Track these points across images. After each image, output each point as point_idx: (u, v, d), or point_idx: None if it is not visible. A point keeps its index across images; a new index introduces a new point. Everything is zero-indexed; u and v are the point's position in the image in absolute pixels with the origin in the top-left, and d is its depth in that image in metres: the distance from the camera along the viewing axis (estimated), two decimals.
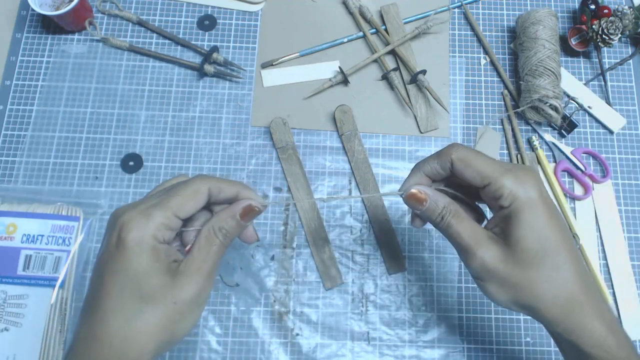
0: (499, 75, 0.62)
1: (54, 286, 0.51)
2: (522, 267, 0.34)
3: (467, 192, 0.39)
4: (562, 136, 0.60)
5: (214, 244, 0.36)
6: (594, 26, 0.60)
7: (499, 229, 0.36)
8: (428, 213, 0.38)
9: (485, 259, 0.35)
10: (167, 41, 0.63)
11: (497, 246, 0.35)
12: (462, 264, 0.55)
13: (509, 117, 0.60)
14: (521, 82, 0.59)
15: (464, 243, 0.36)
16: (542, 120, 0.59)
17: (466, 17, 0.65)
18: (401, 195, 0.39)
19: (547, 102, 0.57)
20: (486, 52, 0.63)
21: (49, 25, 0.63)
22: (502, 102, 0.61)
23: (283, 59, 0.62)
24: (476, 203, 0.40)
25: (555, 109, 0.57)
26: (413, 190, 0.38)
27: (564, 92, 0.61)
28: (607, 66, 0.62)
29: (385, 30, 0.63)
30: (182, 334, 0.35)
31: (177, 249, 0.37)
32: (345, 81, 0.61)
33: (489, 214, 0.39)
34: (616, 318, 0.37)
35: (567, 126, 0.59)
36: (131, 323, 0.32)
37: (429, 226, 0.56)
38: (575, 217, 0.57)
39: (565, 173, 0.59)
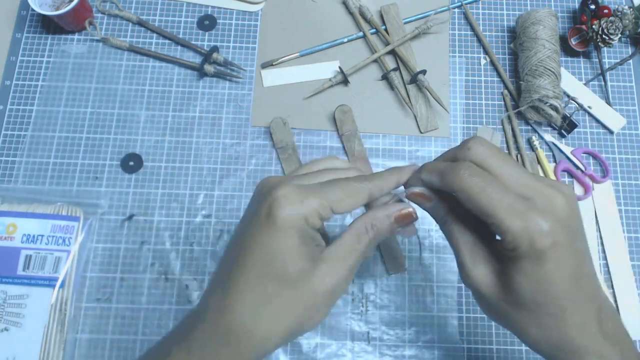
0: (499, 75, 0.62)
1: (54, 286, 0.51)
2: (514, 305, 0.32)
3: None
4: (562, 136, 0.60)
5: (363, 241, 0.34)
6: (594, 26, 0.60)
7: (503, 259, 0.33)
8: (431, 213, 0.36)
9: (478, 283, 0.33)
10: (167, 41, 0.63)
11: (493, 275, 0.33)
12: None
13: (509, 117, 0.60)
14: (521, 82, 0.59)
15: (461, 258, 0.34)
16: (542, 120, 0.59)
17: (466, 17, 0.65)
18: (406, 193, 0.36)
19: (547, 102, 0.57)
20: (486, 52, 0.63)
21: (49, 25, 0.63)
22: (502, 102, 0.61)
23: (283, 59, 0.62)
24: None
25: (556, 109, 0.57)
26: (417, 190, 0.35)
27: (564, 92, 0.61)
28: (607, 66, 0.62)
29: (385, 30, 0.63)
30: (310, 327, 0.33)
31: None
32: (345, 81, 0.61)
33: None
34: (625, 353, 0.33)
35: (567, 126, 0.59)
36: (264, 305, 0.31)
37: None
38: None
39: (565, 173, 0.59)
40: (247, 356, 0.31)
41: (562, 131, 0.60)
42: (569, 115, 0.59)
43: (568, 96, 0.61)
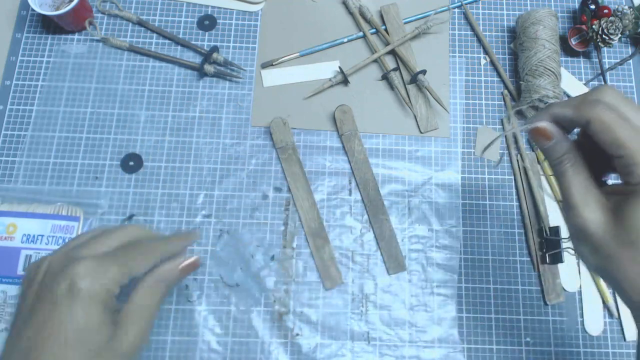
0: (499, 75, 0.62)
1: None
2: (621, 242, 0.32)
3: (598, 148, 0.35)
4: None
5: (156, 294, 0.36)
6: (594, 26, 0.60)
7: (615, 199, 0.34)
8: (549, 152, 0.36)
9: (588, 222, 0.33)
10: (167, 41, 0.63)
11: (604, 213, 0.33)
12: (462, 260, 0.55)
13: (508, 117, 0.60)
14: (521, 82, 0.59)
15: (572, 198, 0.34)
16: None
17: (466, 17, 0.65)
18: (526, 130, 0.36)
19: (547, 102, 0.57)
20: (486, 52, 0.63)
21: (49, 25, 0.63)
22: (502, 102, 0.61)
23: (283, 59, 0.62)
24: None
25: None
26: (542, 125, 0.35)
27: (564, 92, 0.61)
28: (607, 66, 0.62)
29: (385, 30, 0.63)
30: None
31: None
32: (345, 81, 0.61)
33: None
34: None
35: None
36: None
37: (429, 227, 0.57)
38: None
39: None
40: None
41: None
42: None
43: (569, 96, 0.61)
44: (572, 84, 0.62)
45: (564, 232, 0.56)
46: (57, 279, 0.31)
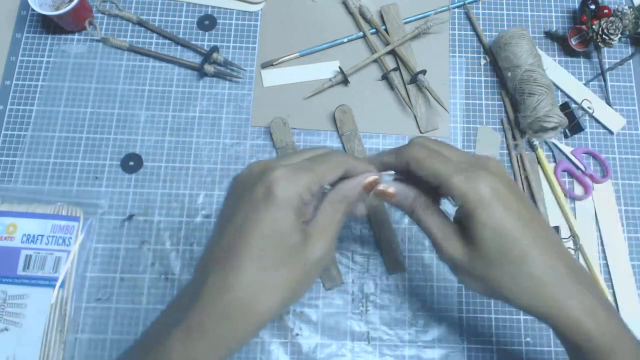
0: (499, 75, 0.62)
1: (54, 286, 0.51)
2: (486, 264, 0.35)
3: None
4: (565, 136, 0.60)
5: (339, 212, 0.37)
6: (594, 26, 0.60)
7: (463, 226, 0.37)
8: (399, 205, 0.40)
9: (452, 254, 0.37)
10: (167, 41, 0.63)
11: (462, 242, 0.36)
12: None
13: (508, 118, 0.60)
14: (516, 97, 0.59)
15: (432, 237, 0.38)
16: (547, 138, 0.58)
17: (467, 17, 0.65)
18: (371, 194, 0.39)
19: (548, 127, 0.56)
20: (486, 52, 0.63)
21: (49, 25, 0.63)
22: (502, 102, 0.61)
23: (283, 59, 0.62)
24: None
25: (557, 127, 0.56)
26: (381, 189, 0.39)
27: (563, 92, 0.61)
28: (607, 66, 0.62)
29: (385, 30, 0.63)
30: (301, 295, 0.36)
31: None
32: (345, 81, 0.61)
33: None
34: (603, 303, 0.36)
35: (572, 128, 0.59)
36: (266, 277, 0.33)
37: None
38: (575, 217, 0.57)
39: (565, 173, 0.59)
40: (248, 330, 0.33)
41: (567, 131, 0.60)
42: (577, 118, 0.59)
43: (575, 102, 0.61)
44: (572, 84, 0.62)
45: (564, 232, 0.56)
46: (256, 184, 0.34)
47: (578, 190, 0.59)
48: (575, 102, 0.61)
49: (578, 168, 0.59)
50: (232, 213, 0.35)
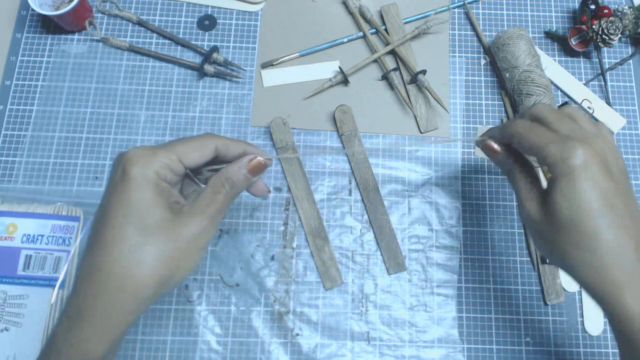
0: (499, 75, 0.62)
1: (54, 286, 0.51)
2: (556, 229, 0.37)
3: None
4: None
5: (220, 193, 0.37)
6: (594, 26, 0.60)
7: (548, 192, 0.38)
8: (501, 165, 0.44)
9: (530, 213, 0.39)
10: (167, 41, 0.63)
11: (541, 205, 0.39)
12: (462, 260, 0.55)
13: (508, 118, 0.60)
14: (515, 97, 0.59)
15: (519, 196, 0.41)
16: None
17: (467, 17, 0.65)
18: (477, 144, 0.45)
19: None
20: (486, 52, 0.63)
21: (49, 25, 0.63)
22: (502, 102, 0.61)
23: (283, 59, 0.62)
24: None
25: None
26: (489, 142, 0.43)
27: (561, 90, 0.61)
28: (607, 66, 0.62)
29: (385, 30, 0.63)
30: (181, 275, 0.35)
31: (179, 198, 0.38)
32: (345, 81, 0.61)
33: None
34: None
35: None
36: (132, 253, 0.33)
37: (429, 226, 0.57)
38: None
39: None
40: (127, 308, 0.33)
41: None
42: None
43: (575, 101, 0.61)
44: (572, 84, 0.62)
45: None
46: (115, 168, 0.35)
47: None
48: (575, 102, 0.61)
49: None
50: (102, 197, 0.36)
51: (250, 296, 0.54)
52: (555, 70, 0.62)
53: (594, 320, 0.54)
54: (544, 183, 0.41)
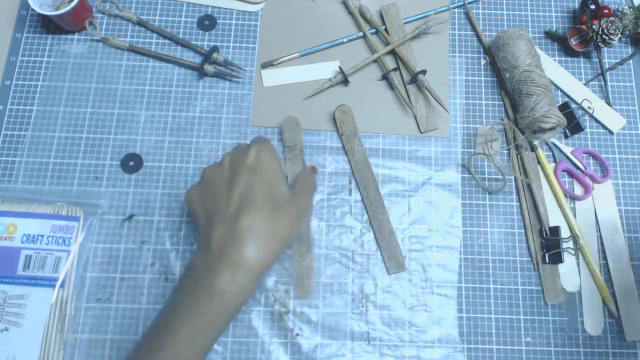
0: (499, 75, 0.62)
1: (54, 286, 0.51)
2: None
3: None
4: (565, 136, 0.60)
5: (310, 177, 0.52)
6: (594, 26, 0.60)
7: None
8: None
9: None
10: (167, 41, 0.63)
11: None
12: (462, 260, 0.55)
13: (508, 118, 0.60)
14: (515, 98, 0.59)
15: None
16: (545, 138, 0.58)
17: (467, 17, 0.65)
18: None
19: (546, 127, 0.56)
20: (486, 52, 0.63)
21: (49, 25, 0.63)
22: (502, 102, 0.61)
23: (283, 59, 0.62)
24: None
25: (555, 127, 0.56)
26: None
27: (562, 91, 0.61)
28: (607, 66, 0.62)
29: (385, 30, 0.63)
30: (295, 233, 0.47)
31: None
32: (345, 81, 0.61)
33: None
34: None
35: (572, 128, 0.59)
36: (275, 214, 0.45)
37: (429, 226, 0.57)
38: (575, 217, 0.57)
39: (565, 173, 0.59)
40: (273, 254, 0.44)
41: (567, 131, 0.60)
42: (577, 117, 0.59)
43: (575, 102, 0.61)
44: (572, 84, 0.62)
45: (564, 232, 0.56)
46: (245, 156, 0.47)
47: (578, 190, 0.59)
48: (575, 102, 0.61)
49: (578, 168, 0.59)
50: (228, 185, 0.46)
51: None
52: (555, 70, 0.62)
53: (594, 320, 0.54)
54: None
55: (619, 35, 0.59)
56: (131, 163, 0.58)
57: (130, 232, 0.56)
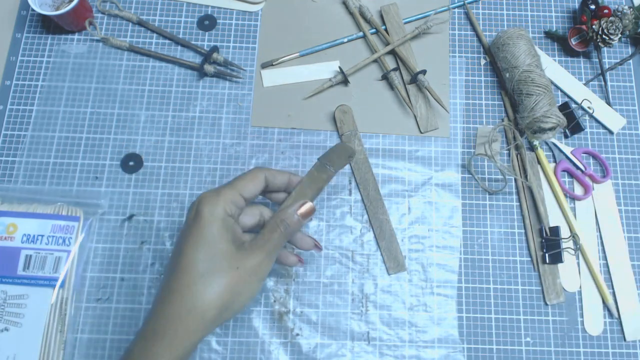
0: (499, 75, 0.62)
1: (54, 286, 0.51)
2: None
3: None
4: (565, 136, 0.60)
5: (276, 232, 0.43)
6: (594, 26, 0.60)
7: None
8: None
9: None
10: (167, 41, 0.63)
11: None
12: (462, 260, 0.55)
13: (508, 118, 0.60)
14: (515, 97, 0.59)
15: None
16: (545, 138, 0.58)
17: (467, 17, 0.65)
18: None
19: (546, 128, 0.56)
20: (486, 52, 0.63)
21: (49, 25, 0.63)
22: (502, 102, 0.61)
23: (283, 59, 0.62)
24: None
25: (555, 127, 0.56)
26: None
27: (562, 90, 0.61)
28: (607, 66, 0.62)
29: (385, 30, 0.63)
30: (241, 302, 0.41)
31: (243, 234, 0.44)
32: (345, 81, 0.61)
33: None
34: None
35: (572, 128, 0.59)
36: (202, 278, 0.39)
37: (428, 226, 0.57)
38: (575, 217, 0.57)
39: (565, 173, 0.59)
40: (196, 328, 0.39)
41: (567, 131, 0.60)
42: (577, 117, 0.59)
43: (575, 102, 0.61)
44: (572, 84, 0.62)
45: (564, 232, 0.56)
46: (190, 208, 0.42)
47: (578, 190, 0.59)
48: (575, 102, 0.61)
49: (578, 168, 0.59)
50: (179, 233, 0.43)
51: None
52: (555, 70, 0.62)
53: (594, 320, 0.54)
54: None
55: (619, 35, 0.59)
56: (131, 163, 0.58)
57: (130, 232, 0.56)
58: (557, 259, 0.55)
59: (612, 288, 0.55)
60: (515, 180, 0.58)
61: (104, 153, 0.58)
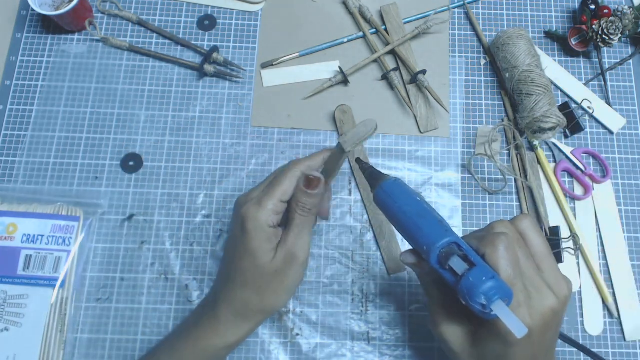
0: (499, 75, 0.62)
1: (54, 286, 0.51)
2: None
3: None
4: (565, 136, 0.60)
5: (297, 219, 0.44)
6: (594, 26, 0.60)
7: (475, 322, 0.40)
8: (419, 278, 0.45)
9: (451, 339, 0.40)
10: (167, 41, 0.63)
11: (464, 335, 0.40)
12: None
13: (508, 118, 0.60)
14: (515, 97, 0.59)
15: (434, 311, 0.42)
16: (545, 138, 0.58)
17: (467, 17, 0.65)
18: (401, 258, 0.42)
19: (546, 127, 0.56)
20: (486, 52, 0.63)
21: (49, 25, 0.63)
22: (502, 102, 0.61)
23: (283, 59, 0.62)
24: None
25: (555, 127, 0.56)
26: (404, 257, 0.42)
27: (568, 95, 0.61)
28: (607, 66, 0.62)
29: (385, 30, 0.63)
30: (290, 287, 0.45)
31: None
32: (345, 81, 0.61)
33: None
34: None
35: (572, 128, 0.59)
36: (248, 286, 0.44)
37: None
38: (575, 217, 0.57)
39: (565, 173, 0.59)
40: (250, 319, 0.45)
41: (567, 131, 0.60)
42: (577, 117, 0.59)
43: (575, 102, 0.61)
44: (572, 84, 0.62)
45: (564, 232, 0.56)
46: (235, 221, 0.45)
47: (578, 190, 0.59)
48: (575, 102, 0.61)
49: (578, 168, 0.59)
50: (227, 243, 0.48)
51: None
52: (555, 70, 0.62)
53: (594, 320, 0.54)
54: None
55: (619, 35, 0.59)
56: (131, 163, 0.58)
57: (130, 232, 0.56)
58: (557, 259, 0.55)
59: (612, 288, 0.55)
60: (515, 180, 0.58)
61: (104, 153, 0.58)
